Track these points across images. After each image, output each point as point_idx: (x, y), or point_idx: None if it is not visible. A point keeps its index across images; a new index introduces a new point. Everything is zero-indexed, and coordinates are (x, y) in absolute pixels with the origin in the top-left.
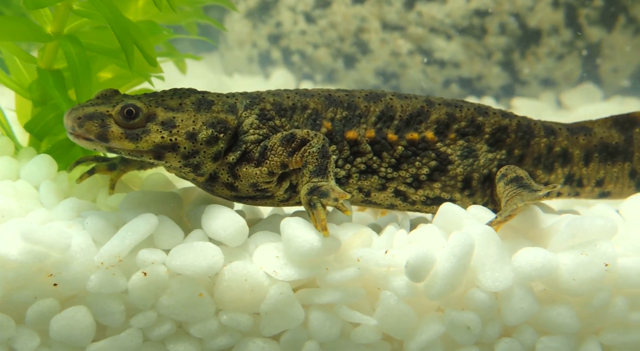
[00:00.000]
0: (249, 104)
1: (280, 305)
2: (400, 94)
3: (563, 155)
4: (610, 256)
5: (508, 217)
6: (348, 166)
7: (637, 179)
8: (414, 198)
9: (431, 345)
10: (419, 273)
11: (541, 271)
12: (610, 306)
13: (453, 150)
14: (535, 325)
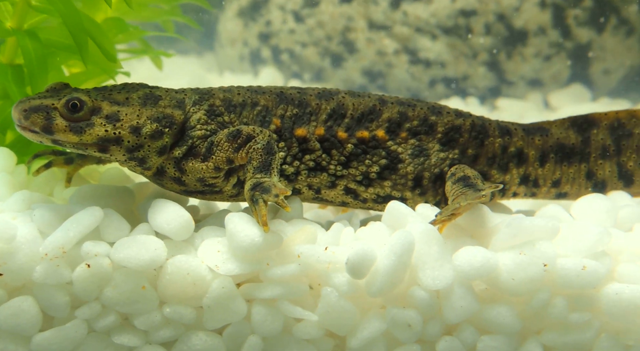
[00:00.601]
0: (198, 99)
1: (222, 299)
2: (354, 93)
3: (518, 155)
4: (549, 257)
5: (452, 216)
6: (297, 163)
7: (594, 180)
8: (365, 196)
9: (372, 341)
10: (360, 270)
11: (480, 270)
12: (550, 307)
13: (404, 149)
14: (477, 324)
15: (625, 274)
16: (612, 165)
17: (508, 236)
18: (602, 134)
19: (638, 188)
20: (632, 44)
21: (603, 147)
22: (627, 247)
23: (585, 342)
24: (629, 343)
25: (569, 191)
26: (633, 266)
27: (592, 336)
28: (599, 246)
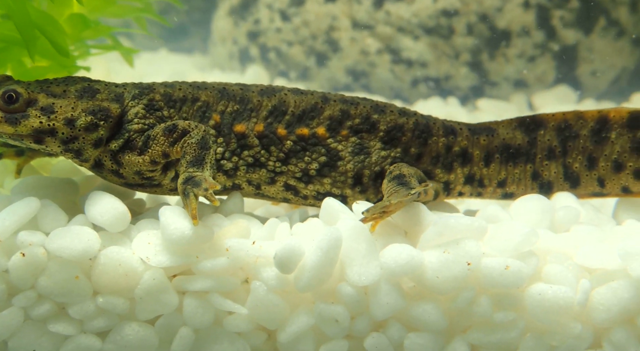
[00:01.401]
0: (138, 94)
1: (153, 290)
2: (297, 90)
3: (462, 155)
4: (473, 256)
5: (383, 214)
6: (235, 159)
7: (539, 181)
8: (305, 192)
9: (301, 336)
10: (287, 265)
11: (405, 267)
12: (475, 306)
13: (344, 146)
14: (404, 321)
15: (551, 274)
16: (558, 166)
17: (434, 235)
18: (549, 135)
19: (584, 189)
20: (623, 46)
21: (549, 149)
22: (556, 248)
23: (510, 341)
24: (553, 344)
25: (515, 191)
26: (559, 267)
27: (517, 336)
28: (525, 246)
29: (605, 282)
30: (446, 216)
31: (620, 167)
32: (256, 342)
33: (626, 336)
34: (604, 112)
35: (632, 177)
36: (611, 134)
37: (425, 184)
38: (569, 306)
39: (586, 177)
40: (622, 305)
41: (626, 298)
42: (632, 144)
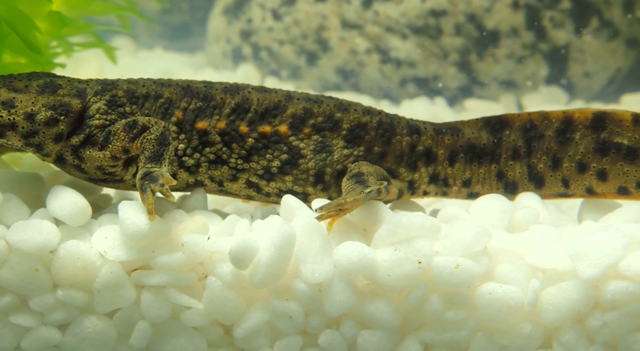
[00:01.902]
0: (101, 90)
1: (111, 284)
2: (262, 88)
3: (426, 154)
4: (425, 254)
5: (340, 211)
6: (197, 156)
7: (504, 181)
8: (267, 190)
9: (256, 331)
10: (242, 261)
11: (358, 265)
12: (427, 304)
13: (306, 145)
14: (357, 318)
15: (503, 274)
16: (523, 166)
17: (388, 233)
18: (514, 136)
19: (549, 190)
20: (617, 47)
21: (514, 149)
22: (510, 247)
23: (461, 340)
24: (503, 343)
25: (480, 191)
26: (510, 267)
27: (468, 335)
28: (477, 245)
29: (556, 282)
30: (399, 215)
31: (584, 168)
32: (213, 337)
33: (576, 336)
34: (568, 113)
35: (596, 178)
36: (575, 135)
37: (380, 182)
38: (519, 306)
39: (550, 177)
40: (571, 306)
41: (575, 299)
42: (596, 145)
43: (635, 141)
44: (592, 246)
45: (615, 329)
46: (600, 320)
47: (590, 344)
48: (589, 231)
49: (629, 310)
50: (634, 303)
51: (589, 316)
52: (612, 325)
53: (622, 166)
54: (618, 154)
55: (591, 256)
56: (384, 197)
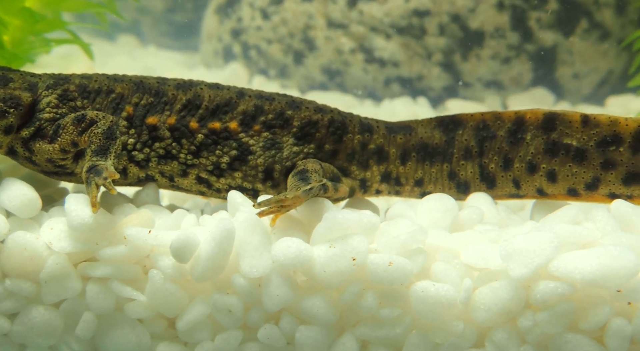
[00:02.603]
0: (53, 84)
1: (57, 274)
2: (215, 85)
3: (378, 153)
4: (360, 251)
5: (282, 208)
6: (147, 150)
7: (456, 181)
8: (218, 185)
9: (198, 325)
10: (183, 254)
11: (294, 261)
12: (362, 301)
13: (256, 141)
14: (296, 314)
15: (438, 272)
16: (474, 166)
17: (325, 230)
18: (467, 135)
19: (501, 190)
20: (608, 49)
21: (466, 149)
22: (447, 246)
23: (396, 337)
24: (437, 341)
25: (432, 190)
26: (444, 265)
27: (403, 332)
28: (412, 243)
29: (489, 282)
30: (335, 212)
31: (534, 169)
32: (156, 329)
33: (507, 336)
34: (520, 114)
35: (546, 179)
36: (527, 135)
37: (319, 180)
38: (452, 304)
39: (502, 178)
40: (502, 305)
41: (506, 298)
42: (546, 146)
43: (584, 142)
44: (524, 246)
45: (545, 329)
46: (531, 319)
47: (522, 344)
48: (525, 231)
49: (558, 310)
50: (564, 303)
51: (520, 316)
52: (543, 325)
53: (571, 167)
54: (567, 155)
55: (522, 256)
56: (333, 194)
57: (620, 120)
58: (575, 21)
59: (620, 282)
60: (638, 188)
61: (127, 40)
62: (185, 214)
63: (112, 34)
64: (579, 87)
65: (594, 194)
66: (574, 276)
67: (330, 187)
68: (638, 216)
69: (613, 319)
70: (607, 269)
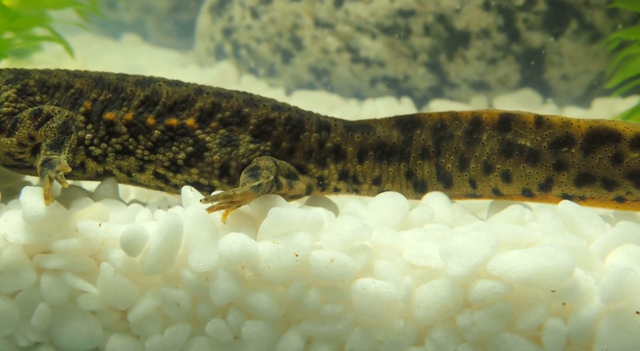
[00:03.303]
0: (12, 79)
1: (12, 265)
2: (173, 82)
3: (335, 151)
4: (303, 248)
5: (232, 204)
6: (104, 145)
7: (413, 180)
8: (175, 181)
9: (148, 318)
10: (132, 248)
11: (239, 256)
12: (306, 297)
13: (212, 138)
14: (243, 309)
15: (380, 270)
16: (431, 166)
17: (270, 226)
18: (425, 135)
19: (458, 190)
20: (599, 50)
21: (423, 148)
22: (391, 244)
23: (339, 334)
24: (378, 338)
25: (390, 189)
26: (387, 263)
27: (346, 329)
28: (355, 240)
29: (430, 280)
30: (280, 209)
31: (490, 169)
32: (108, 321)
33: (446, 334)
34: (477, 114)
35: (501, 179)
36: (483, 135)
37: (266, 177)
38: (392, 301)
39: (458, 178)
40: (440, 303)
41: (444, 297)
42: (501, 147)
43: (537, 143)
44: (462, 245)
45: (483, 328)
46: (470, 318)
47: (460, 342)
48: (466, 230)
49: (495, 310)
50: (500, 303)
51: (459, 315)
52: (481, 324)
53: (525, 168)
54: (521, 156)
55: (460, 255)
56: (288, 192)
57: (572, 121)
58: (564, 22)
59: (554, 282)
60: (590, 190)
61: (131, 39)
62: (140, 208)
63: (117, 33)
64: (569, 88)
65: (548, 195)
66: (510, 276)
67: (284, 184)
68: (582, 217)
69: (549, 319)
70: (542, 269)
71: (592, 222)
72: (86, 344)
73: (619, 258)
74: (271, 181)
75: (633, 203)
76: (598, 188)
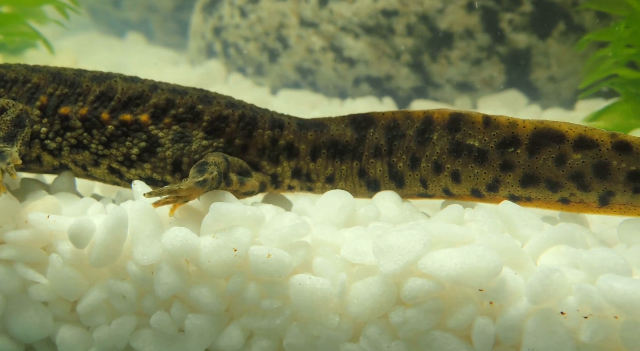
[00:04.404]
0: None
1: None
2: (129, 78)
3: (288, 149)
4: (242, 243)
5: (178, 198)
6: (59, 140)
7: (366, 178)
8: (129, 176)
9: (95, 309)
10: (79, 240)
11: (181, 249)
12: (245, 292)
13: (165, 134)
14: (186, 302)
15: (317, 266)
16: (383, 165)
17: (212, 221)
18: (378, 134)
19: (410, 189)
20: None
21: (376, 147)
22: (331, 241)
23: (277, 328)
24: (315, 334)
25: (344, 187)
26: (323, 259)
27: (283, 324)
28: (293, 237)
29: (364, 277)
30: (221, 204)
31: (440, 169)
32: (59, 312)
33: (379, 331)
34: (429, 113)
35: (450, 179)
36: (433, 135)
37: (210, 172)
38: (328, 297)
39: (409, 177)
40: (373, 300)
41: (377, 294)
42: (451, 146)
43: (485, 143)
44: (395, 242)
45: (415, 326)
46: (402, 316)
47: (393, 339)
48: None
49: (426, 308)
50: (431, 301)
51: (391, 312)
52: (412, 321)
53: (473, 168)
54: (469, 156)
55: (392, 253)
56: (239, 188)
57: (518, 122)
58: (552, 23)
59: (482, 281)
60: (535, 191)
61: (135, 38)
62: (93, 202)
63: (122, 32)
64: (556, 90)
65: (496, 196)
66: (440, 274)
67: (234, 180)
68: (520, 217)
69: (478, 318)
70: (469, 268)
71: (529, 223)
72: (38, 333)
73: (550, 258)
74: (217, 177)
75: (577, 204)
76: (543, 189)
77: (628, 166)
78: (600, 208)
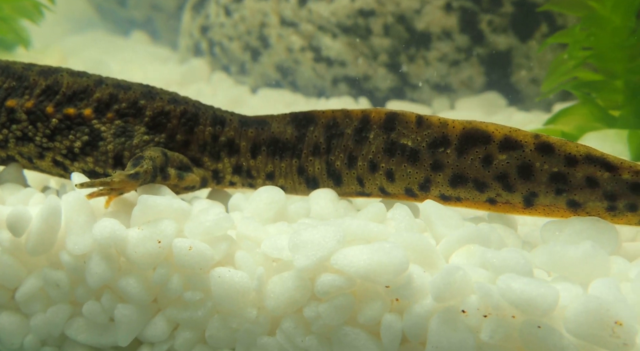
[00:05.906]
0: None
1: None
2: (76, 73)
3: (229, 145)
4: (166, 235)
5: (112, 190)
6: (5, 131)
7: (305, 176)
8: (73, 169)
9: (32, 297)
10: (16, 228)
11: (109, 240)
12: (169, 283)
13: (108, 128)
14: (116, 292)
15: (238, 260)
16: (322, 163)
17: (140, 213)
18: (317, 132)
19: (347, 187)
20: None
21: (315, 145)
22: (253, 236)
23: (199, 320)
24: (233, 326)
25: (284, 184)
26: (244, 253)
27: (205, 316)
28: (216, 230)
29: (281, 272)
30: (147, 197)
31: (375, 168)
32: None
33: (294, 325)
34: (366, 112)
35: (385, 178)
36: (370, 134)
37: (142, 165)
38: (246, 291)
39: (347, 175)
40: (288, 295)
41: (291, 288)
42: (385, 145)
43: (417, 143)
44: (310, 238)
45: (327, 321)
46: (315, 311)
47: (307, 333)
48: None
49: (337, 303)
50: (342, 296)
51: (305, 307)
52: (325, 316)
53: (406, 167)
54: (403, 155)
55: (307, 248)
56: (179, 183)
57: (448, 122)
58: (533, 25)
59: (389, 278)
60: (463, 191)
61: (139, 37)
62: (35, 193)
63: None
64: (538, 92)
65: (428, 195)
66: (349, 270)
67: (172, 175)
68: (439, 217)
69: (385, 314)
70: (377, 264)
71: (449, 222)
72: None
73: (461, 258)
74: (151, 171)
75: (504, 205)
76: (471, 189)
77: (550, 168)
78: (526, 209)
